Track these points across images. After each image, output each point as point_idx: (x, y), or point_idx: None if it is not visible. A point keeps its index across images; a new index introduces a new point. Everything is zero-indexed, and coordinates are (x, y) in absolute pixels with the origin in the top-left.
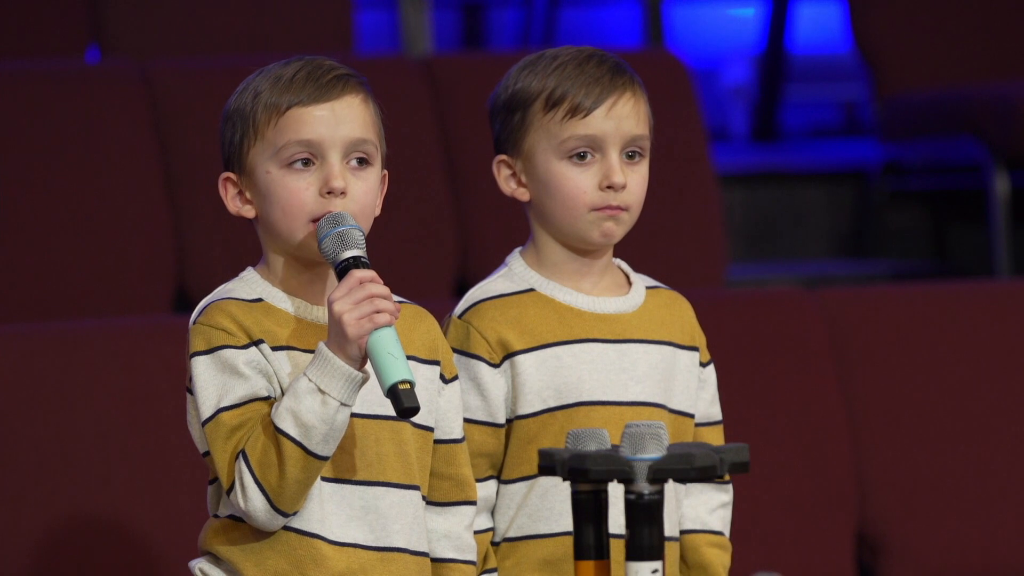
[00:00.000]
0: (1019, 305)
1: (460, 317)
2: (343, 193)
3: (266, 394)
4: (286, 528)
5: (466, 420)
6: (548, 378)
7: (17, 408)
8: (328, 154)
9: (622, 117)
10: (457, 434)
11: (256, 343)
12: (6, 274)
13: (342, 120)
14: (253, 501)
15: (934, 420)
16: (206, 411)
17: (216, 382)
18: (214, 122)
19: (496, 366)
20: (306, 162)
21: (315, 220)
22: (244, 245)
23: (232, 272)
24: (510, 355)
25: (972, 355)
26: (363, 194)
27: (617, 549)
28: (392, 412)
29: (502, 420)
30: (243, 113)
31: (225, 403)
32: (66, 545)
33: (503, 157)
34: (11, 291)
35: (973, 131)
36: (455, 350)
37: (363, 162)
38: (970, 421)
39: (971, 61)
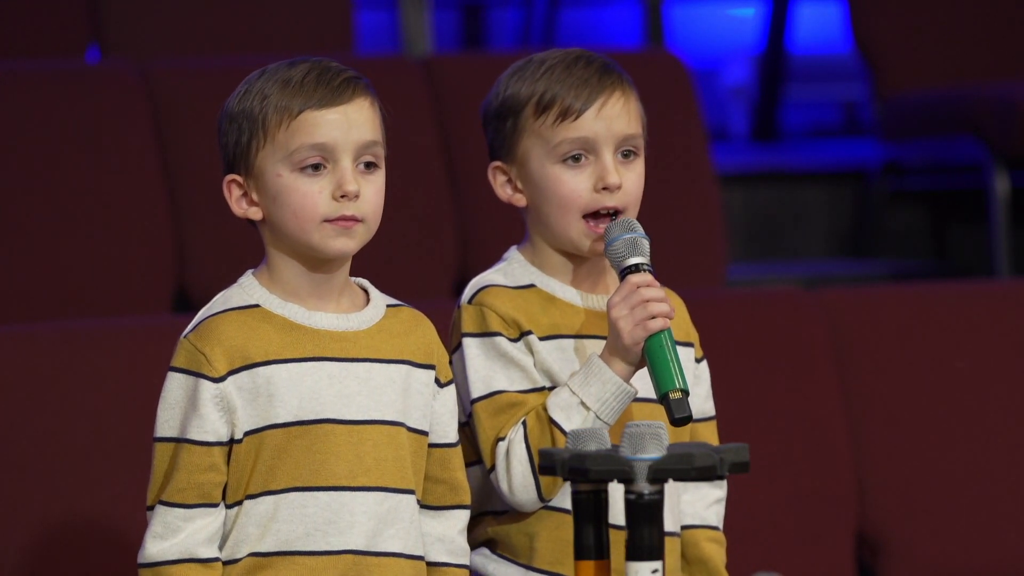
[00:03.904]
0: (1019, 305)
1: (471, 302)
2: (356, 196)
3: (224, 440)
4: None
5: (517, 392)
6: (570, 365)
7: (17, 408)
8: (340, 157)
9: (613, 117)
10: (452, 438)
11: (236, 371)
12: (6, 274)
13: (354, 123)
14: None
15: (934, 420)
16: (163, 430)
17: (179, 411)
18: (214, 122)
19: (515, 341)
20: (317, 165)
21: (328, 221)
22: (244, 245)
23: (232, 271)
24: (525, 334)
25: (972, 355)
26: (374, 195)
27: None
28: (388, 417)
29: (542, 383)
30: (250, 115)
31: (189, 435)
32: (65, 545)
33: (498, 164)
34: (11, 291)
35: (973, 131)
36: (473, 334)
37: (372, 164)
38: (970, 421)
39: (971, 61)
